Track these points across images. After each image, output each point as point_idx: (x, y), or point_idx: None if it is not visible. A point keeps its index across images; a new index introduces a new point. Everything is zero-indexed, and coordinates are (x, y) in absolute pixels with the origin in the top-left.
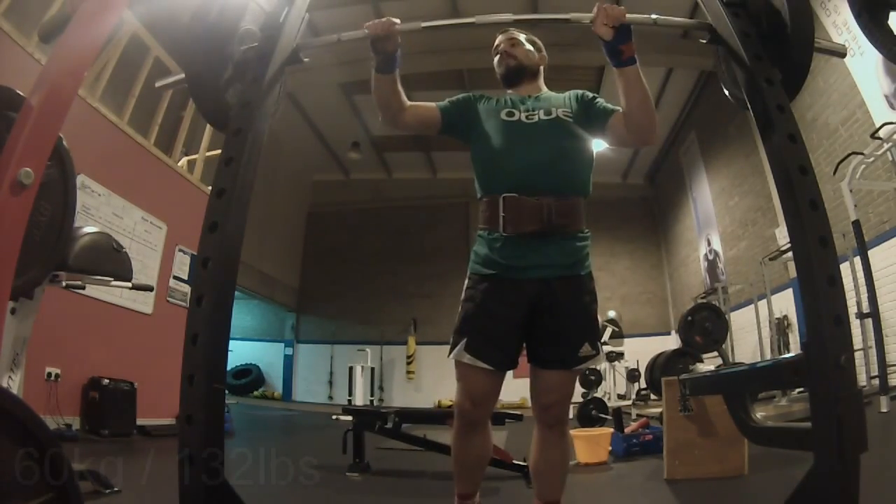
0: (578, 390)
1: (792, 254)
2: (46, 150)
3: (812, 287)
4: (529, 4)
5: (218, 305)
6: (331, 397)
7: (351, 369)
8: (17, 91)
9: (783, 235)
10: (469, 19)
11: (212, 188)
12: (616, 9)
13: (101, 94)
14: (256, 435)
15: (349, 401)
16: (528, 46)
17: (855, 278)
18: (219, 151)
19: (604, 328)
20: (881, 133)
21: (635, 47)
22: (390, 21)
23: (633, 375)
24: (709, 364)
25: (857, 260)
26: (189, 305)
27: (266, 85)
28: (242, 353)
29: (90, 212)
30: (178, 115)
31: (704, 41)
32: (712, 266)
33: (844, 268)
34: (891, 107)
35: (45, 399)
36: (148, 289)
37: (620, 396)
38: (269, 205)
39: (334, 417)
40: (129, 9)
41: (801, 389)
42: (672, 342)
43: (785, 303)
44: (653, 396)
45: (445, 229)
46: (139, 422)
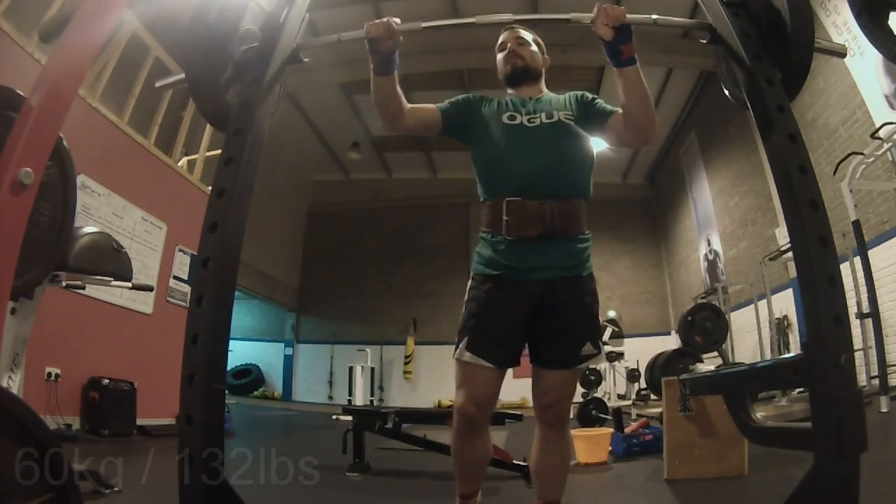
0: (579, 390)
1: (792, 254)
2: (46, 150)
3: (812, 287)
4: (529, 4)
5: (218, 305)
6: (331, 397)
7: (351, 369)
8: (17, 91)
9: (783, 235)
10: (469, 19)
11: (212, 188)
12: (616, 9)
13: (101, 94)
14: (256, 435)
15: (349, 401)
16: (535, 48)
17: (855, 278)
18: (219, 151)
19: (604, 328)
20: (881, 133)
21: (635, 48)
22: (390, 21)
23: (633, 375)
24: (709, 364)
25: (857, 260)
26: (189, 305)
27: (266, 85)
28: (242, 353)
29: (90, 212)
30: (178, 115)
31: (704, 41)
32: (712, 266)
33: (844, 268)
34: (891, 107)
35: (45, 399)
36: (148, 289)
37: (620, 396)
38: (269, 205)
39: (334, 417)
40: (129, 9)
41: (801, 389)
42: (672, 342)
43: (785, 303)
44: (653, 396)
45: (445, 229)
46: (139, 422)
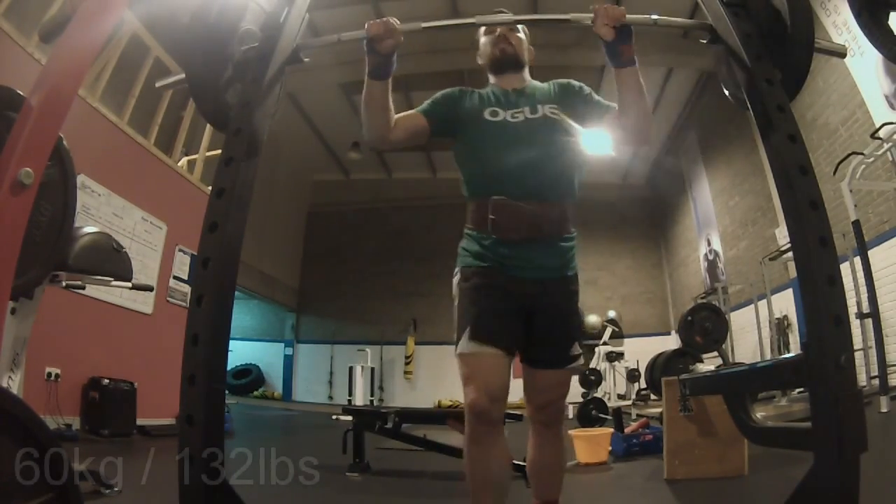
0: (578, 390)
1: (792, 254)
2: (46, 150)
3: (812, 287)
4: (529, 4)
5: (218, 305)
6: (331, 397)
7: (351, 369)
8: (18, 91)
9: (783, 235)
10: (469, 19)
11: (212, 188)
12: (616, 9)
13: (101, 94)
14: (256, 435)
15: (349, 401)
16: (523, 37)
17: (855, 278)
18: (219, 151)
19: (604, 328)
20: (881, 133)
21: (635, 49)
22: (391, 21)
23: (633, 375)
24: (709, 364)
25: (857, 260)
26: (189, 305)
27: (266, 85)
28: (242, 353)
29: (90, 212)
30: (178, 115)
31: (704, 41)
32: (712, 266)
33: (844, 268)
34: (891, 107)
35: (45, 399)
36: (148, 289)
37: (620, 396)
38: (269, 205)
39: (334, 417)
40: (129, 9)
41: (801, 389)
42: (672, 342)
43: (785, 303)
44: (653, 396)
45: (445, 229)
46: (139, 422)
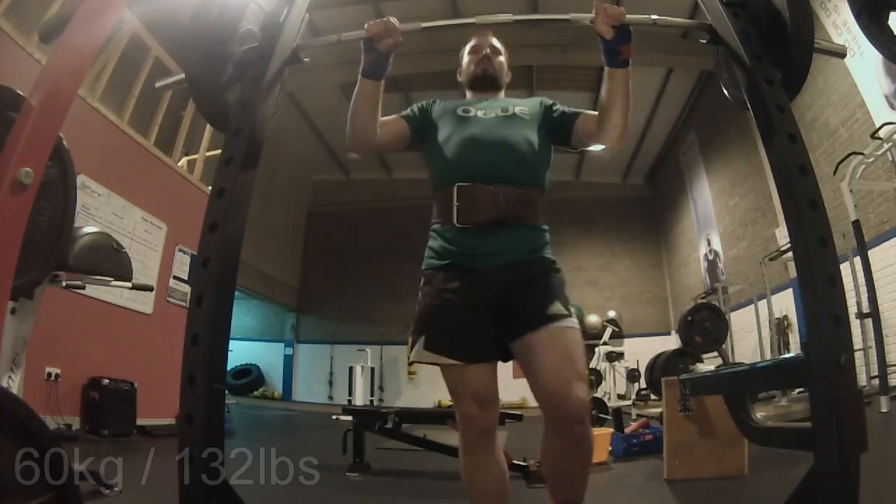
0: None
1: (792, 254)
2: (46, 150)
3: (812, 287)
4: (529, 4)
5: (218, 305)
6: (331, 397)
7: (351, 369)
8: (18, 91)
9: (783, 235)
10: (469, 19)
11: (212, 188)
12: (616, 8)
13: (101, 94)
14: (256, 435)
15: (349, 401)
16: (504, 60)
17: (855, 278)
18: (219, 151)
19: (604, 328)
20: (881, 133)
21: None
22: (391, 21)
23: (633, 375)
24: (709, 364)
25: (857, 260)
26: (189, 305)
27: (266, 85)
28: (242, 353)
29: (90, 212)
30: (178, 115)
31: (704, 41)
32: (712, 266)
33: (844, 268)
34: (891, 107)
35: (45, 399)
36: (148, 289)
37: (620, 396)
38: (269, 205)
39: (334, 417)
40: (129, 9)
41: (801, 389)
42: (672, 342)
43: (785, 303)
44: (653, 396)
45: None
46: (139, 422)
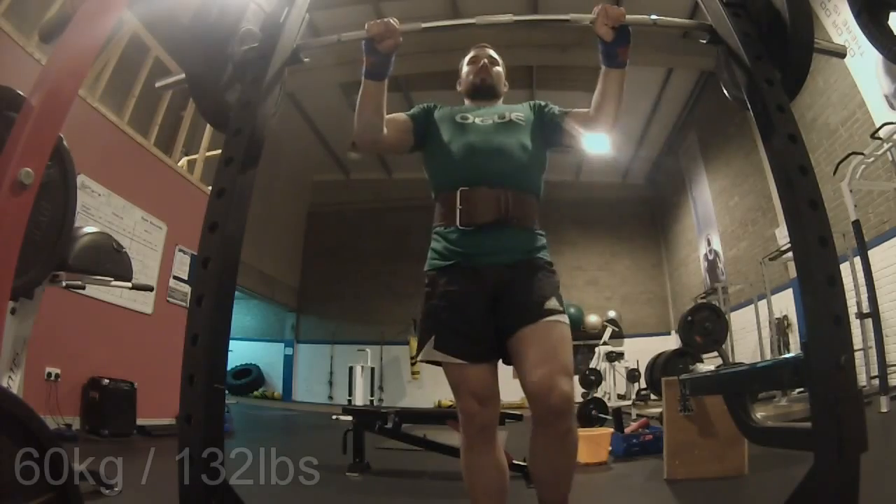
0: (579, 390)
1: (792, 254)
2: (46, 150)
3: (812, 287)
4: (529, 4)
5: (218, 305)
6: (331, 397)
7: (351, 369)
8: (18, 91)
9: (783, 235)
10: (469, 20)
11: (212, 188)
12: (616, 9)
13: (101, 94)
14: (256, 435)
15: (349, 401)
16: (502, 71)
17: (855, 278)
18: (219, 151)
19: (604, 328)
20: (881, 133)
21: (631, 51)
22: (391, 21)
23: (633, 375)
24: (709, 364)
25: (857, 260)
26: (189, 305)
27: (266, 85)
28: (242, 353)
29: (90, 212)
30: (178, 115)
31: (704, 41)
32: (712, 266)
33: (844, 268)
34: (891, 107)
35: (45, 399)
36: (148, 289)
37: (620, 396)
38: (269, 205)
39: (334, 417)
40: (129, 9)
41: (801, 389)
42: (672, 342)
43: (785, 303)
44: (653, 396)
45: None
46: (139, 422)
